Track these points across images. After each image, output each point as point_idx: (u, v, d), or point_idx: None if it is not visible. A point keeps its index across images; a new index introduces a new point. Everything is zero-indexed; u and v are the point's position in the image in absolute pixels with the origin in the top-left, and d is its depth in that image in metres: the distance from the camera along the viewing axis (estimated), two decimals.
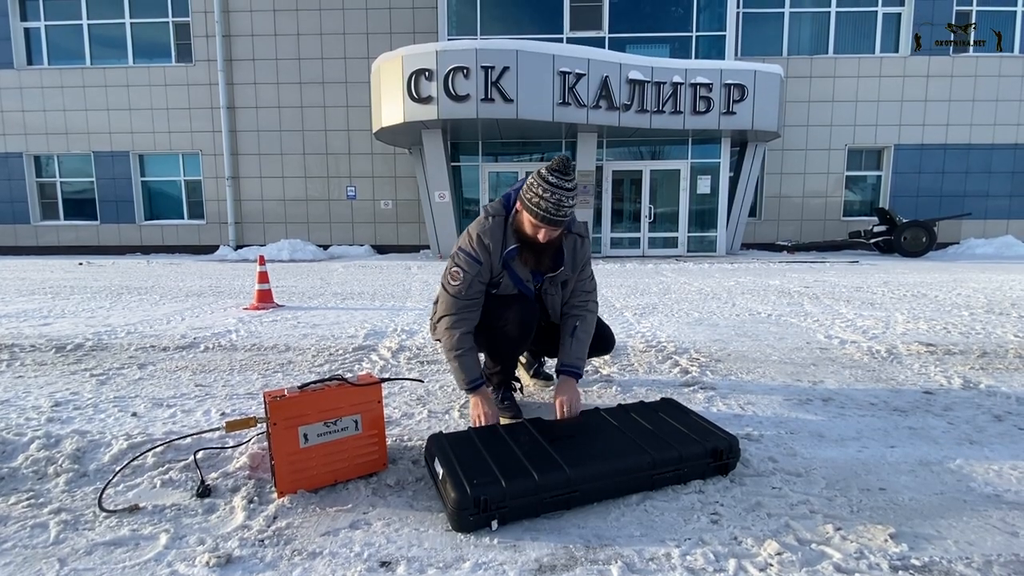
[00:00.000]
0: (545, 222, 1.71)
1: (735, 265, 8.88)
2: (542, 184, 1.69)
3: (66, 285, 6.41)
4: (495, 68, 9.38)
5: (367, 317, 4.09)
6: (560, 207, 1.69)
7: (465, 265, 1.82)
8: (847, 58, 12.61)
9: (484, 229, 1.83)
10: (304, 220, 13.42)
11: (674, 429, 1.60)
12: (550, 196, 1.68)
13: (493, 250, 1.82)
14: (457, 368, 1.82)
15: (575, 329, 1.94)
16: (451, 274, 1.84)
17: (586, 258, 1.98)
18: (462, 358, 1.82)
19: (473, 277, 1.82)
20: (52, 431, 1.77)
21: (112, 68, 13.12)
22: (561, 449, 1.46)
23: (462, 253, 1.84)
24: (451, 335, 1.83)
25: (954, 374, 2.47)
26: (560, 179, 1.69)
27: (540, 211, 1.70)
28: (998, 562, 1.10)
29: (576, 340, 1.93)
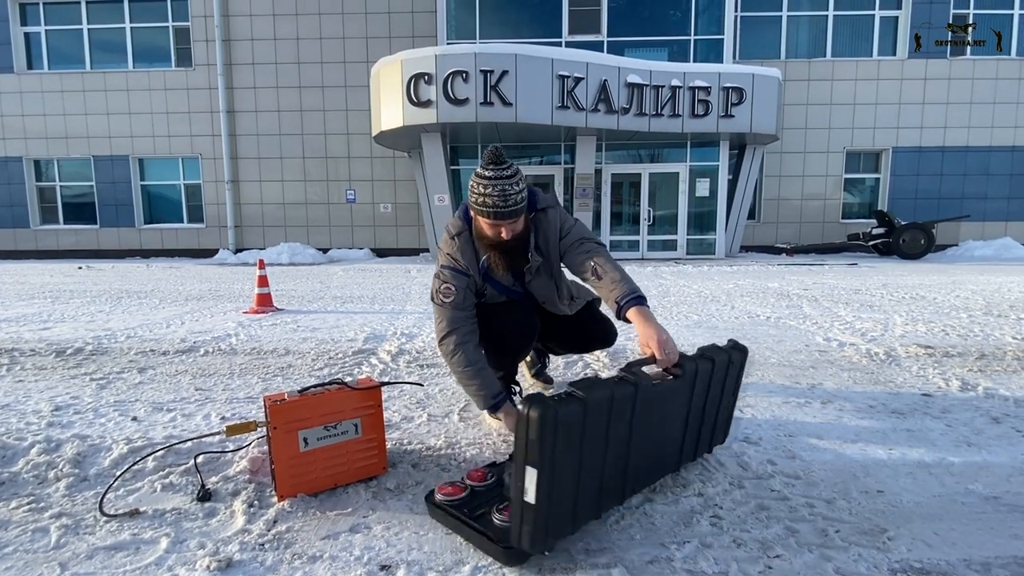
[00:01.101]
0: (498, 217, 1.63)
1: (734, 267, 8.89)
2: (481, 182, 1.62)
3: (66, 289, 6.41)
4: (494, 72, 9.41)
5: (367, 321, 4.10)
6: (507, 197, 1.61)
7: (453, 280, 1.75)
8: (845, 61, 12.66)
9: (455, 250, 1.77)
10: (304, 224, 13.43)
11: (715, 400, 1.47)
12: (492, 190, 1.61)
13: (471, 266, 1.77)
14: (479, 386, 1.69)
15: (595, 268, 1.69)
16: (442, 292, 1.76)
17: (561, 221, 1.81)
18: (482, 373, 1.70)
19: (464, 289, 1.76)
20: (52, 435, 1.77)
21: (112, 72, 13.15)
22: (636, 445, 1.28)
23: (446, 270, 1.77)
24: (462, 352, 1.71)
25: (952, 376, 2.47)
26: (497, 170, 1.62)
27: (489, 208, 1.62)
28: (997, 564, 1.10)
29: (609, 273, 1.65)
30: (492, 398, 1.68)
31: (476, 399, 1.72)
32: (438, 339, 1.78)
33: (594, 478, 1.19)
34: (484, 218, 1.66)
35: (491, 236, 1.71)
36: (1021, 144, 12.81)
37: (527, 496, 1.06)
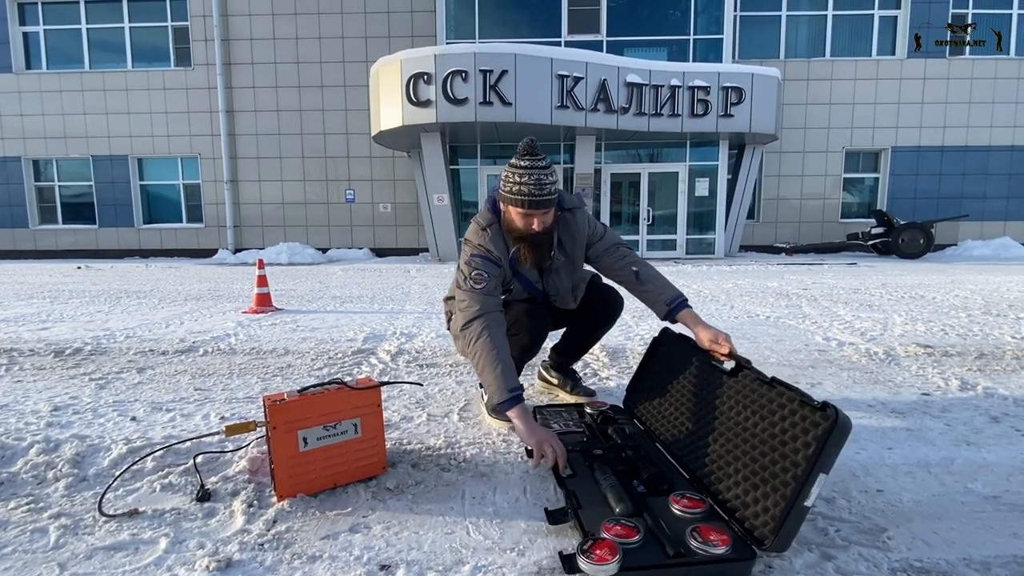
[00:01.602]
0: (532, 206, 1.63)
1: (733, 267, 8.90)
2: (516, 171, 1.64)
3: (64, 289, 6.40)
4: (493, 71, 9.41)
5: (366, 320, 4.09)
6: (542, 186, 1.62)
7: (485, 268, 1.71)
8: (844, 61, 12.68)
9: (486, 240, 1.75)
10: (303, 223, 13.43)
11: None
12: (528, 179, 1.62)
13: (502, 258, 1.76)
14: (500, 372, 1.56)
15: (638, 273, 1.78)
16: (473, 278, 1.70)
17: (591, 226, 1.87)
18: (507, 362, 1.59)
19: (496, 278, 1.73)
20: (51, 436, 1.77)
21: (111, 72, 13.15)
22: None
23: (478, 258, 1.73)
24: (488, 336, 1.61)
25: (952, 376, 2.47)
26: (532, 160, 1.64)
27: (524, 197, 1.62)
28: (996, 563, 1.10)
29: (652, 279, 1.77)
30: (510, 391, 1.55)
31: (494, 388, 1.57)
32: (463, 323, 1.67)
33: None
34: (517, 207, 1.65)
35: (522, 228, 1.70)
36: (1020, 144, 12.83)
37: (808, 500, 1.07)
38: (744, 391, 1.42)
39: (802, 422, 1.17)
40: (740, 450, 1.32)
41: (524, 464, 1.59)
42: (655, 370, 1.90)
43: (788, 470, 1.14)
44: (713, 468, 1.37)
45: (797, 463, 1.12)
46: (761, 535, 1.10)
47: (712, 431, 1.46)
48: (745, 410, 1.37)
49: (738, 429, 1.37)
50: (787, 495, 1.10)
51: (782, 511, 1.09)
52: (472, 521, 1.29)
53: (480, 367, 1.62)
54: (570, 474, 1.43)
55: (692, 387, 1.65)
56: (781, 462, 1.17)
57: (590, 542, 1.08)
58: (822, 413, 1.13)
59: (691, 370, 1.68)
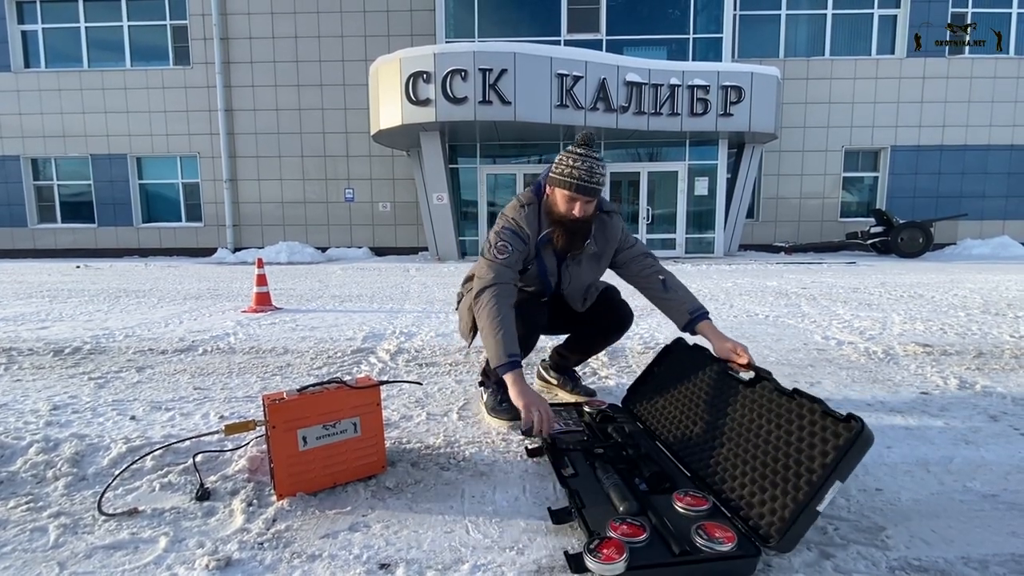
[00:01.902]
0: (580, 191, 1.71)
1: (733, 266, 8.90)
2: (571, 156, 1.73)
3: (64, 288, 6.40)
4: (493, 70, 9.41)
5: (365, 319, 4.09)
6: (593, 174, 1.71)
7: (511, 241, 1.79)
8: (844, 60, 12.68)
9: (521, 216, 1.82)
10: (302, 222, 13.43)
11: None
12: (581, 164, 1.70)
13: (531, 236, 1.82)
14: (502, 336, 1.62)
15: (665, 281, 1.87)
16: (498, 248, 1.78)
17: (624, 233, 1.95)
18: (510, 328, 1.65)
19: (519, 253, 1.79)
20: (51, 435, 1.77)
21: (110, 71, 13.13)
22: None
23: (508, 231, 1.81)
24: (497, 302, 1.68)
25: (950, 375, 2.48)
26: (588, 150, 1.73)
27: (574, 180, 1.70)
28: (995, 562, 1.10)
29: (677, 289, 1.86)
30: (509, 356, 1.61)
31: (494, 351, 1.63)
32: (478, 290, 1.74)
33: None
34: (565, 190, 1.73)
35: (563, 211, 1.76)
36: (1019, 143, 12.84)
37: (820, 505, 1.08)
38: (760, 400, 1.44)
39: (822, 432, 1.19)
40: (749, 454, 1.32)
41: (524, 463, 1.59)
42: (662, 375, 1.92)
43: (802, 475, 1.14)
44: (717, 468, 1.37)
45: (813, 469, 1.13)
46: (766, 534, 1.11)
47: (719, 434, 1.47)
48: (759, 418, 1.38)
49: (748, 435, 1.38)
50: (799, 498, 1.10)
51: (792, 512, 1.09)
52: (472, 520, 1.29)
53: (484, 332, 1.69)
54: (572, 473, 1.43)
55: (702, 392, 1.67)
56: (795, 467, 1.18)
57: (597, 541, 1.08)
58: (845, 424, 1.15)
59: (703, 377, 1.70)
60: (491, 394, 1.96)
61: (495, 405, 1.93)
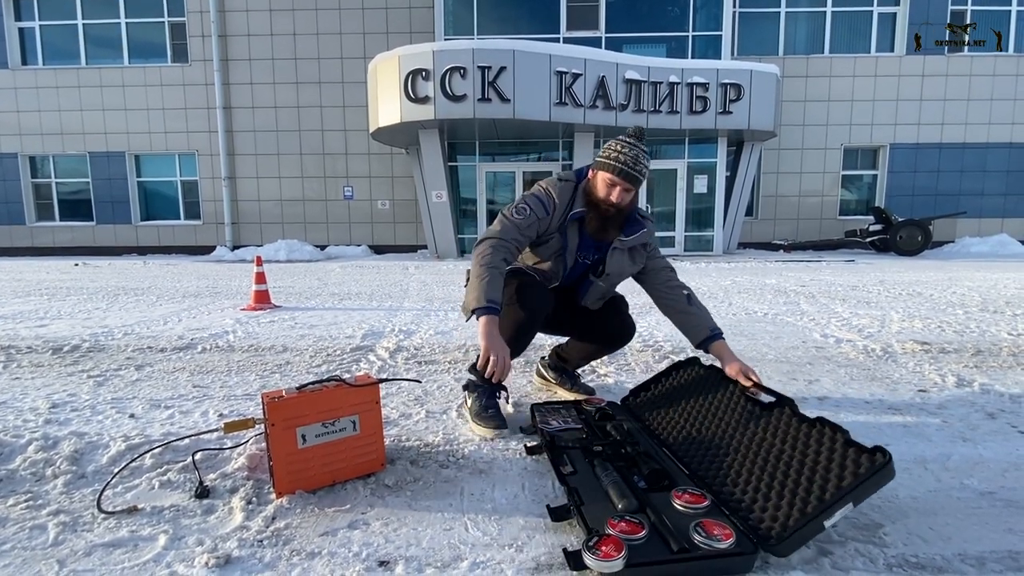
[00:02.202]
0: (622, 176, 1.74)
1: (732, 264, 8.91)
2: (622, 142, 1.77)
3: (62, 286, 6.39)
4: (492, 68, 9.39)
5: (364, 317, 4.09)
6: (638, 162, 1.74)
7: (533, 205, 1.82)
8: (843, 57, 12.68)
9: (554, 186, 1.87)
10: (301, 220, 13.42)
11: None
12: (628, 151, 1.74)
13: (558, 208, 1.83)
14: (487, 283, 1.66)
15: (689, 298, 1.92)
16: (516, 208, 1.82)
17: (654, 244, 2.01)
18: (497, 279, 1.69)
19: (536, 219, 1.81)
20: (50, 433, 1.77)
21: (107, 68, 13.10)
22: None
23: (533, 196, 1.85)
24: (493, 255, 1.71)
25: (948, 372, 2.48)
26: (637, 140, 1.77)
27: (619, 164, 1.73)
28: (992, 559, 1.11)
29: (700, 307, 1.92)
30: (489, 300, 1.64)
31: (475, 294, 1.66)
32: (481, 238, 1.79)
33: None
34: (608, 172, 1.76)
35: (602, 195, 1.79)
36: (1018, 141, 12.85)
37: (829, 521, 1.08)
38: (777, 423, 1.45)
39: (842, 459, 1.19)
40: (757, 465, 1.33)
41: (523, 461, 1.60)
42: (671, 384, 1.93)
43: (812, 491, 1.15)
44: (719, 472, 1.38)
45: (826, 488, 1.14)
46: (765, 535, 1.11)
47: (726, 444, 1.48)
48: (772, 437, 1.38)
49: (759, 449, 1.38)
50: (806, 511, 1.11)
51: (797, 521, 1.10)
52: (471, 517, 1.29)
53: (471, 277, 1.72)
54: (570, 471, 1.43)
55: (712, 405, 1.68)
56: (806, 484, 1.18)
57: (595, 538, 1.08)
58: (870, 455, 1.15)
59: (718, 394, 1.71)
60: (476, 399, 1.85)
61: (480, 411, 1.82)
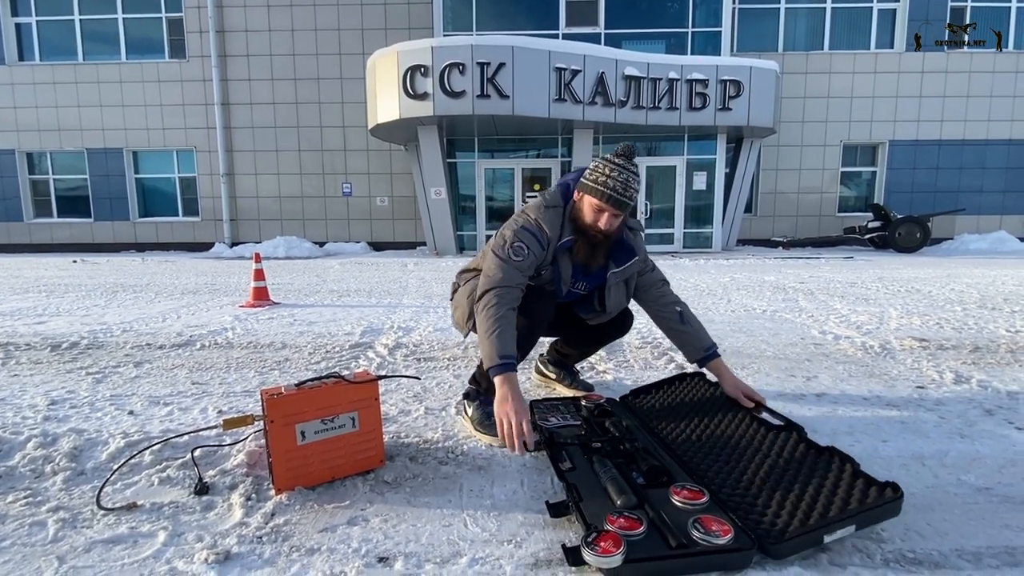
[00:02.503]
0: (611, 203, 1.64)
1: (731, 261, 8.91)
2: (610, 165, 1.66)
3: (60, 283, 6.38)
4: (491, 64, 9.37)
5: (363, 314, 4.09)
6: (628, 187, 1.64)
7: (529, 244, 1.69)
8: (842, 54, 12.65)
9: (544, 217, 1.73)
10: (300, 217, 13.39)
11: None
12: (618, 175, 1.64)
13: (552, 241, 1.72)
14: (499, 335, 1.54)
15: (681, 315, 1.87)
16: (514, 248, 1.67)
17: (644, 255, 1.92)
18: (508, 330, 1.57)
19: (534, 258, 1.69)
20: (49, 429, 1.77)
21: (105, 64, 13.04)
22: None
23: (527, 231, 1.70)
24: (499, 305, 1.59)
25: (946, 369, 2.49)
26: (627, 162, 1.67)
27: (607, 190, 1.63)
28: (988, 554, 1.11)
29: (693, 323, 1.87)
30: (503, 356, 1.52)
31: (488, 350, 1.54)
32: (483, 289, 1.65)
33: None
34: (596, 198, 1.66)
35: (589, 221, 1.70)
36: (1017, 138, 12.85)
37: (828, 537, 1.09)
38: (783, 444, 1.44)
39: (849, 488, 1.19)
40: (759, 476, 1.33)
41: (522, 457, 1.60)
42: (673, 392, 1.95)
43: (815, 508, 1.15)
44: (720, 474, 1.38)
45: (830, 509, 1.14)
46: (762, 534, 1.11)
47: (729, 450, 1.49)
48: (778, 456, 1.38)
49: (763, 462, 1.38)
50: (808, 523, 1.11)
51: (795, 530, 1.10)
52: (470, 514, 1.29)
53: (481, 333, 1.60)
54: (569, 467, 1.43)
55: (716, 416, 1.69)
56: (809, 500, 1.18)
57: (594, 534, 1.08)
58: (879, 488, 1.15)
59: (724, 409, 1.71)
60: (477, 407, 1.81)
61: (482, 419, 1.77)
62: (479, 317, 1.62)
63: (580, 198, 1.73)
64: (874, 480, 1.18)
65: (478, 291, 1.67)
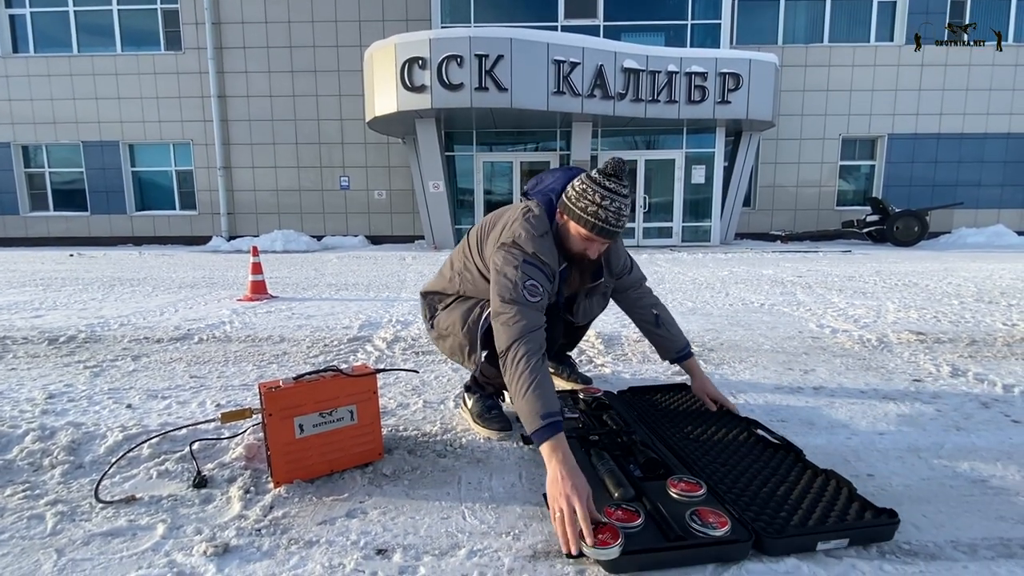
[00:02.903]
0: (604, 235, 1.47)
1: (729, 255, 8.92)
2: (599, 191, 1.45)
3: (57, 277, 6.36)
4: (489, 56, 9.31)
5: (362, 308, 4.09)
6: (620, 217, 1.47)
7: (540, 282, 1.48)
8: (842, 47, 12.60)
9: (540, 248, 1.51)
10: (297, 210, 13.35)
11: None
12: (610, 204, 1.44)
13: (555, 271, 1.55)
14: (539, 395, 1.30)
15: (657, 318, 1.88)
16: (528, 289, 1.45)
17: (624, 256, 1.87)
18: (547, 383, 1.33)
19: (548, 293, 1.52)
20: (47, 423, 1.77)
21: (100, 56, 12.93)
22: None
23: (534, 267, 1.49)
24: (533, 358, 1.36)
25: (943, 362, 2.50)
26: (618, 185, 1.46)
27: (600, 222, 1.45)
28: (983, 545, 1.12)
29: (668, 324, 1.89)
30: (545, 416, 1.26)
31: (529, 412, 1.29)
32: (508, 340, 1.39)
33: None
34: (585, 229, 1.48)
35: (579, 250, 1.54)
36: (1016, 131, 12.84)
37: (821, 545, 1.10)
38: (780, 461, 1.44)
39: (847, 508, 1.19)
40: (758, 478, 1.34)
41: (520, 450, 1.60)
42: (672, 399, 1.95)
43: (811, 518, 1.15)
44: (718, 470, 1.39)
45: (826, 520, 1.14)
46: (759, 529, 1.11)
47: (727, 451, 1.50)
48: (773, 474, 1.37)
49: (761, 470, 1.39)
50: (803, 529, 1.12)
51: (790, 531, 1.11)
52: (468, 506, 1.30)
53: (515, 393, 1.35)
54: None
55: (713, 425, 1.69)
56: (806, 509, 1.19)
57: (593, 526, 1.09)
58: (873, 513, 1.15)
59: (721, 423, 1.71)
60: (477, 400, 1.78)
61: (483, 412, 1.75)
62: (509, 375, 1.38)
63: (565, 222, 1.54)
64: (871, 504, 1.18)
65: (505, 341, 1.41)
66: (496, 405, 1.80)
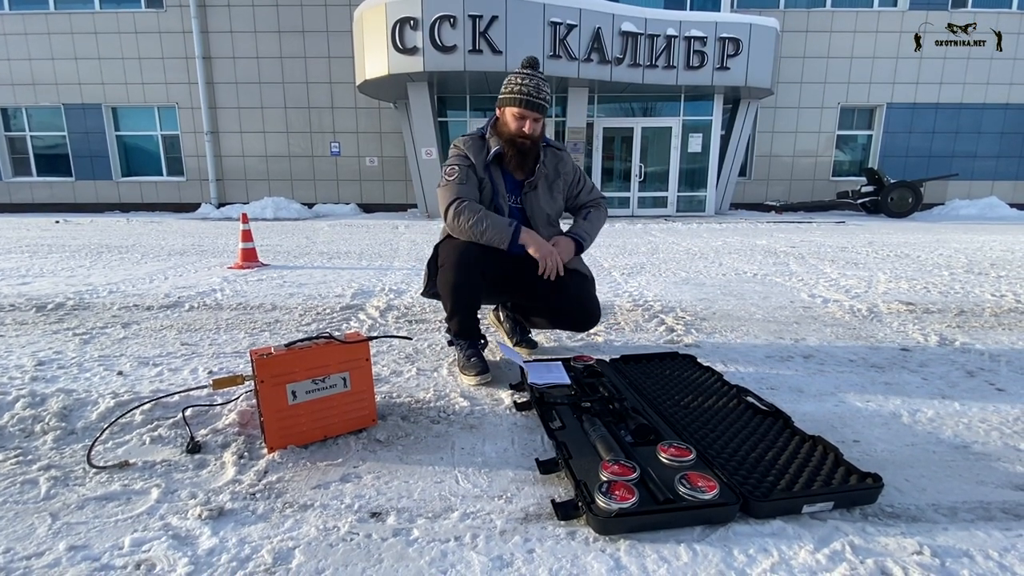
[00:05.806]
0: (528, 106, 1.83)
1: (723, 225, 8.90)
2: (519, 75, 1.87)
3: (43, 244, 6.25)
4: (483, 17, 9.03)
5: (354, 276, 4.06)
6: (540, 89, 1.85)
7: (457, 161, 1.92)
8: (845, 12, 12.32)
9: (464, 145, 1.96)
10: (287, 177, 13.11)
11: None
12: (528, 81, 1.84)
13: (475, 160, 1.92)
14: (493, 222, 1.81)
15: (588, 213, 2.09)
16: (447, 171, 1.92)
17: (575, 171, 2.11)
18: (492, 215, 1.84)
19: (467, 169, 1.91)
20: (37, 390, 1.76)
21: (78, 14, 12.40)
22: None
23: (453, 158, 1.96)
24: (468, 206, 1.83)
25: (931, 332, 2.53)
26: (533, 70, 1.88)
27: (522, 95, 1.83)
28: (963, 508, 1.15)
29: (588, 220, 2.07)
30: (508, 225, 1.82)
31: (495, 235, 1.81)
32: (444, 209, 1.87)
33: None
34: (514, 107, 1.86)
35: (514, 129, 1.88)
36: (1015, 102, 12.73)
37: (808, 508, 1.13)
38: (768, 427, 1.46)
39: (831, 471, 1.22)
40: (747, 444, 1.37)
41: (513, 416, 1.62)
42: (662, 368, 1.95)
43: (798, 482, 1.18)
44: (707, 436, 1.41)
45: (812, 483, 1.17)
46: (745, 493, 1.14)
47: (716, 418, 1.53)
48: (762, 440, 1.39)
49: (750, 435, 1.42)
50: (792, 489, 1.15)
51: (778, 494, 1.14)
52: (461, 470, 1.31)
53: (474, 231, 1.82)
54: (559, 426, 1.45)
55: (703, 393, 1.71)
56: (793, 473, 1.22)
57: (607, 484, 1.13)
58: (860, 476, 1.19)
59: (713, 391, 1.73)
60: (458, 350, 1.99)
61: (463, 361, 1.93)
62: (459, 227, 1.84)
63: (502, 112, 1.93)
64: (856, 468, 1.21)
65: (443, 210, 1.87)
66: (476, 354, 1.94)
